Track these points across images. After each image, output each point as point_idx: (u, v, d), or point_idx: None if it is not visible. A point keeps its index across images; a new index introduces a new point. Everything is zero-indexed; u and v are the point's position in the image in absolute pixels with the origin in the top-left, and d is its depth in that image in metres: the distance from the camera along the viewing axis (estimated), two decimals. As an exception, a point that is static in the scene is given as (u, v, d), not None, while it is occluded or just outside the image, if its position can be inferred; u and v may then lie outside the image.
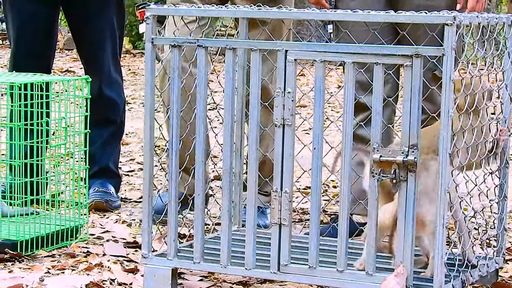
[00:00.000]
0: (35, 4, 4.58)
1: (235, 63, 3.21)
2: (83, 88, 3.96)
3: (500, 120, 3.39)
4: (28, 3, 4.59)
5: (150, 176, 3.34)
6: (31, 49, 4.62)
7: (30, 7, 4.59)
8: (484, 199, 3.35)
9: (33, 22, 4.60)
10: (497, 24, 3.23)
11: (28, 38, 4.63)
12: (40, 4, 4.56)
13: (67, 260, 3.65)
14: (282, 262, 3.14)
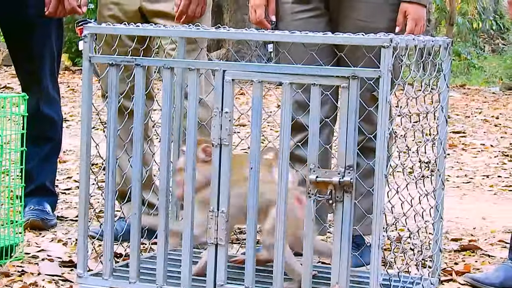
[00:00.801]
0: None
1: (172, 82, 3.22)
2: (20, 105, 3.95)
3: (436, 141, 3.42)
4: None
5: (86, 195, 3.32)
6: None
7: None
8: (420, 220, 3.38)
9: None
10: (434, 47, 3.26)
11: None
12: None
13: (1, 280, 3.63)
14: (218, 282, 3.13)
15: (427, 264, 3.46)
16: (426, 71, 3.24)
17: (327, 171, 3.01)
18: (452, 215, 5.07)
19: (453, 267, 4.13)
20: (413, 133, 3.30)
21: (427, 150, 3.40)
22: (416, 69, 3.18)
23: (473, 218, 5.45)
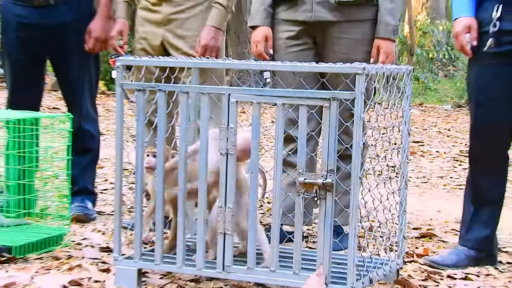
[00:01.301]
0: (25, 59, 4.56)
1: (188, 104, 3.21)
2: (66, 123, 3.94)
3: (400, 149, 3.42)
4: (20, 59, 4.58)
5: (120, 194, 3.33)
6: (23, 94, 4.59)
7: (22, 61, 4.57)
8: (388, 213, 3.37)
9: (25, 72, 4.58)
10: (398, 74, 3.26)
11: (21, 84, 4.61)
12: (29, 59, 4.54)
13: (53, 262, 3.62)
14: (226, 264, 3.13)
15: (393, 248, 3.44)
16: (392, 93, 3.23)
17: (313, 174, 3.01)
18: (413, 209, 5.05)
19: (414, 251, 4.12)
20: (382, 143, 3.30)
21: (393, 157, 3.39)
22: (384, 91, 3.18)
23: (430, 211, 5.44)
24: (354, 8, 4.02)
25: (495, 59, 3.72)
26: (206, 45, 4.20)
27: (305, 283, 2.99)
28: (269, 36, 4.13)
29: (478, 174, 3.91)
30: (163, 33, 4.33)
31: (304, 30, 4.10)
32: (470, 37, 3.74)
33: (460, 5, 3.83)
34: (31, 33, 4.49)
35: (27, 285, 3.21)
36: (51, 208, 4.12)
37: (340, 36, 4.04)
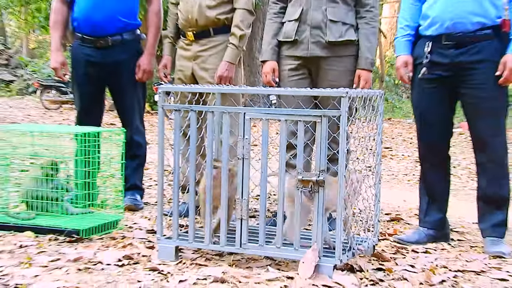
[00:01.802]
0: (90, 88, 4.58)
1: (213, 120, 3.24)
2: (120, 135, 3.97)
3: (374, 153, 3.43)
4: (86, 86, 4.59)
5: (161, 189, 3.34)
6: (88, 114, 4.62)
7: (87, 90, 4.59)
8: (366, 202, 3.38)
9: (89, 98, 4.59)
10: (373, 96, 3.28)
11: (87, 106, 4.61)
12: (93, 88, 4.58)
13: (110, 241, 3.63)
14: (243, 242, 3.14)
15: (370, 229, 3.44)
16: (368, 111, 3.25)
17: (309, 173, 3.03)
18: (385, 199, 5.03)
19: (386, 231, 4.11)
20: (361, 149, 3.31)
21: (369, 159, 3.40)
22: (362, 110, 3.19)
23: (397, 201, 5.43)
24: (340, 47, 4.01)
25: (429, 84, 3.78)
26: (221, 75, 4.25)
27: (303, 256, 3.01)
28: (275, 68, 4.15)
29: (427, 172, 3.95)
30: (192, 65, 4.36)
31: (302, 63, 4.10)
32: (407, 70, 3.84)
33: (400, 46, 3.91)
34: (95, 68, 4.52)
35: (91, 259, 3.22)
36: (109, 200, 4.14)
37: (330, 68, 4.04)
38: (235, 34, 4.30)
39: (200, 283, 2.85)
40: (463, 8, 3.58)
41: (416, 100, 3.91)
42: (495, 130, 3.68)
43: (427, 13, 3.74)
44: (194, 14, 4.29)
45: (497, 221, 3.71)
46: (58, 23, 4.57)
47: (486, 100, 3.64)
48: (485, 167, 3.73)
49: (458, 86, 3.72)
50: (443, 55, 3.69)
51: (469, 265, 3.37)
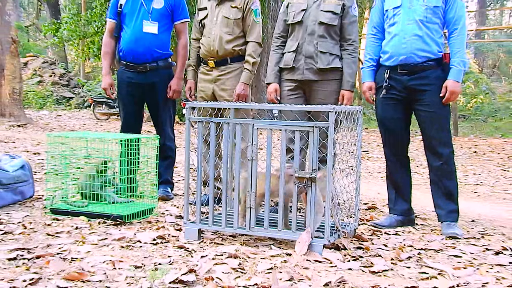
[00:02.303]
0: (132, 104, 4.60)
1: (228, 130, 3.22)
2: (155, 141, 3.96)
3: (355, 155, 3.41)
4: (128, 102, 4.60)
5: (187, 183, 3.33)
6: (130, 124, 4.62)
7: (129, 105, 4.61)
8: (348, 194, 3.36)
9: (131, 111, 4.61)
10: (354, 111, 3.26)
11: (129, 118, 4.62)
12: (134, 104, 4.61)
13: (147, 225, 3.62)
14: (251, 226, 3.13)
15: (352, 216, 3.43)
16: (350, 122, 3.24)
17: (303, 171, 3.01)
18: (363, 191, 5.03)
19: (364, 217, 4.09)
20: (345, 152, 3.30)
21: (351, 160, 3.39)
22: (345, 121, 3.18)
23: (373, 193, 5.40)
24: (328, 72, 4.02)
25: (388, 102, 3.83)
26: (239, 94, 4.28)
27: (298, 237, 3.00)
28: (277, 89, 4.15)
29: (392, 169, 3.97)
30: (213, 87, 4.38)
31: (298, 85, 4.09)
32: (371, 93, 3.92)
33: (365, 74, 3.94)
34: (135, 88, 4.54)
35: (132, 238, 3.21)
36: (146, 192, 4.12)
37: (320, 89, 4.04)
38: (249, 62, 4.33)
39: (217, 258, 2.83)
40: (412, 45, 3.67)
41: (380, 114, 3.93)
42: (442, 138, 3.71)
43: (385, 49, 3.81)
44: (215, 47, 4.32)
45: (450, 209, 3.72)
46: (107, 54, 4.61)
47: (434, 115, 3.69)
48: (435, 167, 3.74)
49: (411, 104, 3.78)
50: (398, 80, 3.75)
51: (430, 244, 3.36)
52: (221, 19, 4.33)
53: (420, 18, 3.65)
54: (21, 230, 3.34)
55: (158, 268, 2.67)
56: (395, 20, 3.75)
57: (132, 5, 4.48)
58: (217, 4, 4.36)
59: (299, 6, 4.09)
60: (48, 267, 2.63)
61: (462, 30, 3.64)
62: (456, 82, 3.61)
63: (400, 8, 3.73)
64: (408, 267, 2.86)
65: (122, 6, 4.50)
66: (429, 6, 3.65)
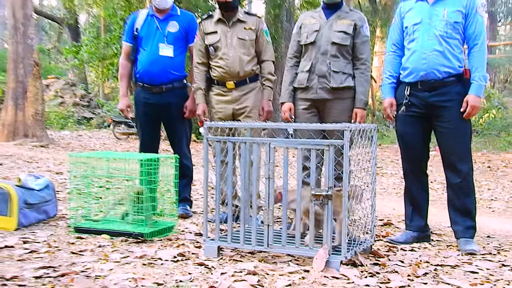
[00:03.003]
0: (149, 123, 4.66)
1: (245, 148, 3.24)
2: (173, 160, 3.98)
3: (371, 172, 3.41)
4: (145, 122, 4.67)
5: (206, 201, 3.34)
6: (148, 143, 4.67)
7: (147, 124, 4.67)
8: (364, 211, 3.35)
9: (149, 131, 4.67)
10: (369, 128, 3.27)
11: (147, 137, 4.67)
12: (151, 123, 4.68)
13: (167, 242, 3.63)
14: (269, 242, 3.13)
15: (368, 232, 3.42)
16: (364, 140, 3.24)
17: (320, 189, 3.01)
18: (379, 208, 5.01)
19: (380, 233, 4.07)
20: (360, 169, 3.30)
21: (366, 177, 3.39)
22: (360, 139, 3.18)
23: (388, 209, 5.38)
24: (341, 91, 4.04)
25: (409, 119, 3.80)
26: (268, 111, 4.42)
27: (316, 254, 2.99)
28: (292, 108, 4.17)
29: (410, 186, 3.93)
30: (233, 107, 4.41)
31: (312, 104, 4.12)
32: (392, 109, 3.86)
33: (386, 91, 3.92)
34: (152, 108, 4.59)
35: (153, 256, 3.23)
36: (166, 210, 4.14)
37: (333, 107, 4.06)
38: (270, 79, 4.44)
39: (237, 275, 2.84)
40: (433, 61, 3.62)
41: (399, 130, 3.90)
42: (462, 154, 3.66)
43: (405, 65, 3.77)
44: (236, 68, 4.35)
45: (468, 225, 3.68)
46: (124, 76, 4.69)
47: (454, 131, 3.64)
48: (453, 183, 3.70)
49: (431, 120, 3.73)
50: (419, 97, 3.71)
51: (446, 260, 3.33)
52: (236, 41, 4.36)
53: (440, 33, 3.61)
54: (46, 249, 3.37)
55: (179, 285, 2.68)
56: (415, 36, 3.71)
57: (148, 29, 4.55)
58: (230, 27, 4.39)
59: (312, 27, 4.12)
60: (73, 285, 2.65)
61: (482, 46, 3.60)
62: (477, 97, 3.56)
63: (420, 25, 3.69)
64: (425, 283, 2.84)
65: (138, 30, 4.57)
66: (449, 22, 3.60)
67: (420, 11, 3.72)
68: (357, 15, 4.13)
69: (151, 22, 4.56)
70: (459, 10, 3.61)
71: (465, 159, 3.66)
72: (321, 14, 4.15)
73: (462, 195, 3.67)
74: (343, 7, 4.14)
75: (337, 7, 4.13)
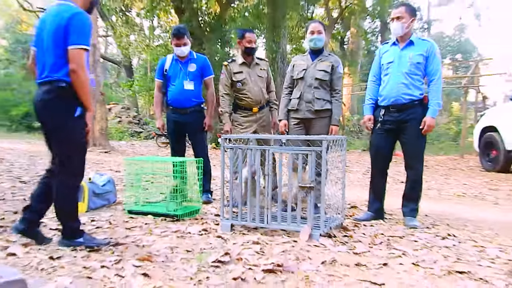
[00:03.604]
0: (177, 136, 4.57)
1: (251, 154, 3.21)
2: (198, 162, 3.96)
3: (341, 170, 3.38)
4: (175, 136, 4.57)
5: (223, 192, 3.32)
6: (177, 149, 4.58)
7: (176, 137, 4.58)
8: (336, 198, 3.33)
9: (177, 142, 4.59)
10: (340, 139, 3.25)
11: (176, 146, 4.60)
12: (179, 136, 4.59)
13: (195, 221, 3.61)
14: (269, 221, 3.11)
15: (339, 213, 3.40)
16: (337, 147, 3.22)
17: (305, 182, 2.99)
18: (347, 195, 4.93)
19: (348, 214, 4.03)
20: (333, 168, 3.27)
21: (338, 173, 3.37)
22: (334, 146, 3.16)
23: (354, 197, 5.31)
24: (322, 112, 4.03)
25: (381, 132, 3.75)
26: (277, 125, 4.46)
27: (302, 229, 2.97)
28: (286, 124, 4.15)
29: (374, 180, 3.89)
30: (256, 125, 4.54)
31: (300, 121, 4.10)
32: (370, 123, 3.81)
33: (366, 109, 3.88)
34: (179, 125, 4.56)
35: (184, 231, 3.21)
36: (194, 197, 4.12)
37: (316, 124, 4.05)
38: (276, 104, 4.63)
39: (245, 245, 2.81)
40: (400, 90, 3.62)
41: (374, 142, 3.85)
42: (418, 158, 3.64)
43: (381, 93, 3.76)
44: (260, 97, 4.52)
45: (413, 208, 3.67)
46: (158, 104, 4.69)
47: (414, 141, 3.62)
48: (409, 179, 3.68)
49: (398, 134, 3.70)
50: (390, 116, 3.69)
51: (396, 232, 3.30)
52: (256, 77, 4.53)
53: (406, 71, 3.60)
54: (107, 226, 3.36)
55: (203, 252, 2.67)
56: (388, 72, 3.70)
57: (174, 69, 4.54)
58: (251, 68, 4.56)
59: (301, 66, 4.14)
60: (127, 252, 2.64)
61: (438, 80, 3.55)
62: (432, 119, 3.54)
63: (392, 63, 3.69)
64: (381, 249, 2.82)
65: (167, 71, 4.57)
66: (413, 62, 3.59)
67: (393, 53, 3.72)
68: (334, 58, 4.15)
69: (176, 65, 4.55)
70: (421, 54, 3.59)
71: (419, 162, 3.64)
72: (308, 57, 4.17)
73: (414, 186, 3.64)
74: (324, 52, 4.16)
75: (319, 52, 4.14)
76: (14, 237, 2.83)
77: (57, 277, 2.16)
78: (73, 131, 2.57)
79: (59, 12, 2.57)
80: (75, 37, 2.49)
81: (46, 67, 2.58)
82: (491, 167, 8.38)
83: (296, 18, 17.71)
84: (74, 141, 2.58)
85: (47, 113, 2.56)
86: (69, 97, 2.54)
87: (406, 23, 3.62)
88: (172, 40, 4.51)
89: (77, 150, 2.61)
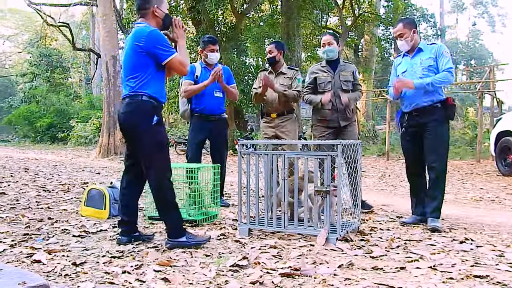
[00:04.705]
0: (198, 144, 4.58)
1: (267, 159, 3.22)
2: (216, 168, 3.96)
3: (357, 175, 3.35)
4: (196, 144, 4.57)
5: (240, 196, 3.32)
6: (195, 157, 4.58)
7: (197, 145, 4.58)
8: (353, 202, 3.30)
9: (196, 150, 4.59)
10: (355, 144, 3.23)
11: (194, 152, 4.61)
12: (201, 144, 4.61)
13: (213, 225, 3.63)
14: (285, 225, 3.10)
15: (356, 217, 3.37)
16: (352, 152, 3.20)
17: (321, 186, 2.98)
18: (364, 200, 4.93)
19: (365, 218, 3.99)
20: (349, 172, 3.25)
21: (354, 178, 3.34)
22: (349, 151, 3.14)
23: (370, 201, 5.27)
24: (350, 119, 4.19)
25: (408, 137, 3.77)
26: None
27: (319, 233, 2.95)
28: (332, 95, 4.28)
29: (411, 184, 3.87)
30: (274, 131, 4.54)
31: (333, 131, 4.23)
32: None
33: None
34: (204, 132, 4.59)
35: (203, 235, 3.19)
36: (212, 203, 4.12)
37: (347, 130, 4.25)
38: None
39: (262, 249, 2.81)
40: (419, 95, 3.62)
41: (402, 145, 3.85)
42: (439, 158, 3.56)
43: (402, 101, 3.78)
44: (275, 104, 4.52)
45: (435, 208, 3.60)
46: (193, 87, 4.61)
47: (435, 141, 3.57)
48: (431, 179, 3.61)
49: (421, 135, 3.67)
50: (413, 120, 3.69)
51: (413, 237, 3.25)
52: (278, 86, 4.49)
53: (420, 76, 3.61)
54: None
55: (222, 256, 2.67)
56: None
57: (204, 77, 4.54)
58: (276, 76, 4.60)
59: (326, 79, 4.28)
60: (147, 257, 2.66)
61: (448, 72, 3.52)
62: (411, 83, 3.54)
63: (406, 72, 3.72)
64: (398, 253, 2.77)
65: (198, 77, 4.56)
66: (425, 66, 3.61)
67: (405, 63, 3.76)
68: (352, 66, 4.33)
69: (205, 73, 4.57)
70: (430, 57, 3.61)
71: (441, 161, 3.55)
72: (328, 68, 4.28)
73: (435, 186, 3.56)
74: (340, 61, 4.30)
75: (337, 61, 4.27)
76: (39, 245, 2.87)
77: (80, 282, 2.19)
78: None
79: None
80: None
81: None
82: (508, 171, 8.21)
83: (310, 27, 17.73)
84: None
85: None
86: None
87: (409, 37, 3.67)
88: (205, 47, 4.52)
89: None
